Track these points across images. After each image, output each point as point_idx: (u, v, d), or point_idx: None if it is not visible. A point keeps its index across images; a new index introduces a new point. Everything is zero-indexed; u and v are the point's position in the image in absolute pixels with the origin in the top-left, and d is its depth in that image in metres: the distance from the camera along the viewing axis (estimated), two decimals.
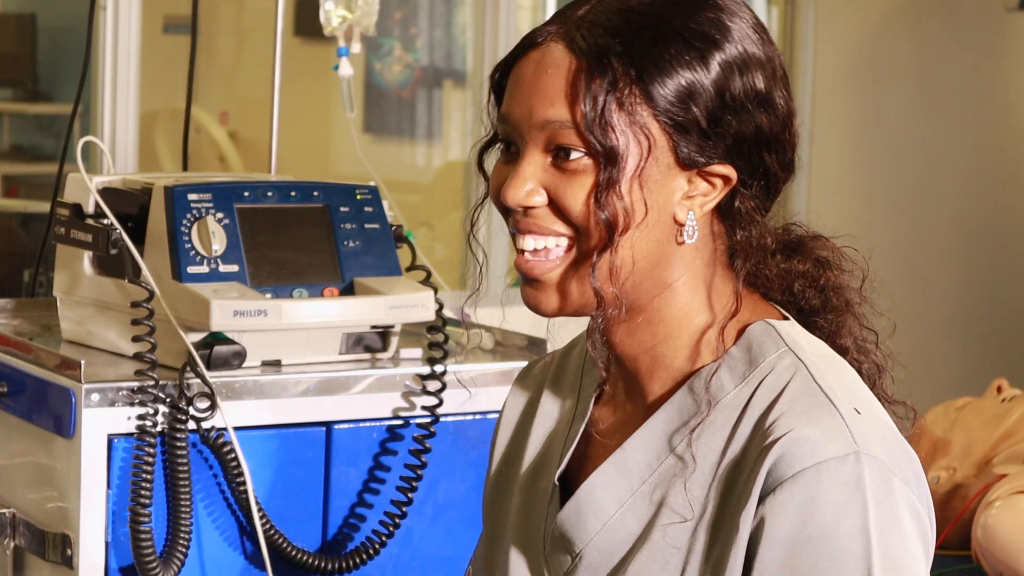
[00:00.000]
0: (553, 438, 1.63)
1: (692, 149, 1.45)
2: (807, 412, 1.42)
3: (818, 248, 1.57)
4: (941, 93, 5.98)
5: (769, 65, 1.48)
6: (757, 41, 1.48)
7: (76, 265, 2.50)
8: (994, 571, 2.84)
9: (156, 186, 2.42)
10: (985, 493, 2.97)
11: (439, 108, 6.22)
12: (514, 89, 1.48)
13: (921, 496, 1.45)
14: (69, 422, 2.28)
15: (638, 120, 1.43)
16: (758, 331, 1.50)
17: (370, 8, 2.89)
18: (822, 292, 1.56)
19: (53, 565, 2.34)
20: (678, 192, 1.46)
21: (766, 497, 1.40)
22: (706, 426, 1.46)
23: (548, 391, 1.66)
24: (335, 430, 2.45)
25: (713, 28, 1.45)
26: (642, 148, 1.43)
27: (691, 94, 1.44)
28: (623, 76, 1.43)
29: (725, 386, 1.48)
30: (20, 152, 6.34)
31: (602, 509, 1.51)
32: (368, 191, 2.56)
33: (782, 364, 1.47)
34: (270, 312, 2.36)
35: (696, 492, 1.45)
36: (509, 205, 1.47)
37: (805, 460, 1.39)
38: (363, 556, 2.43)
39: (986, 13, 6.01)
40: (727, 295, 1.51)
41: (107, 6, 3.88)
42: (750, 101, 1.46)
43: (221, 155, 5.48)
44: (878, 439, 1.43)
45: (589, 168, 1.44)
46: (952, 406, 3.34)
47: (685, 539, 1.45)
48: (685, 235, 1.47)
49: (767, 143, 1.48)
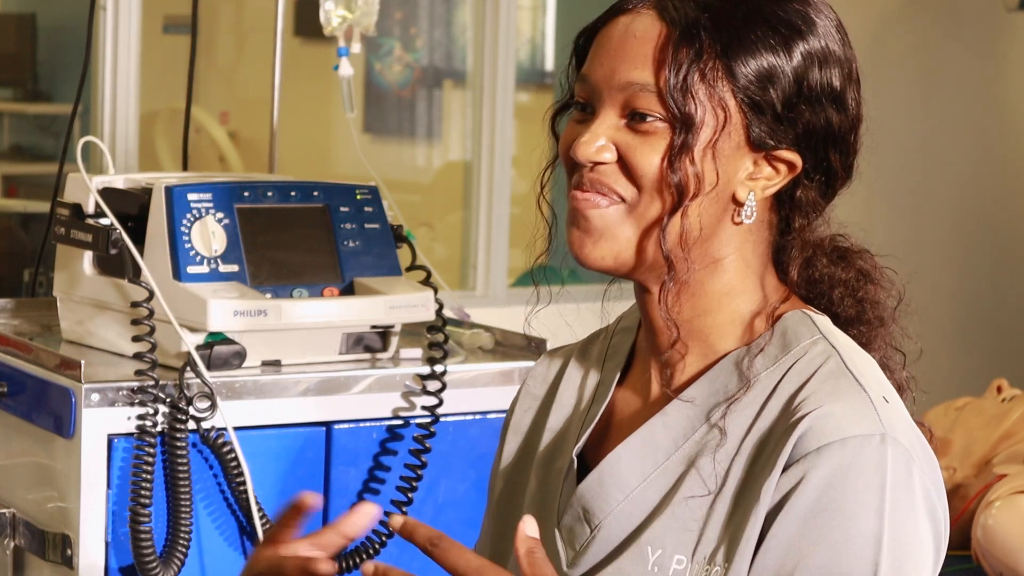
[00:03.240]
0: (572, 418, 1.64)
1: (764, 131, 1.48)
2: (837, 392, 1.45)
3: (862, 261, 1.60)
4: (941, 93, 5.98)
5: (847, 65, 1.52)
6: (839, 41, 1.52)
7: (76, 265, 2.50)
8: (994, 571, 2.84)
9: (156, 186, 2.42)
10: (985, 493, 2.97)
11: (439, 108, 6.22)
12: (599, 51, 1.51)
13: (939, 490, 1.48)
14: (69, 422, 2.29)
15: (718, 93, 1.47)
16: (794, 318, 1.52)
17: (370, 8, 2.89)
18: (859, 303, 1.58)
19: (53, 565, 2.34)
20: (743, 171, 1.49)
21: (790, 467, 1.42)
22: (737, 404, 1.48)
23: (570, 375, 1.67)
24: (335, 430, 2.45)
25: (800, 19, 1.49)
26: (718, 121, 1.47)
27: (771, 77, 1.47)
28: (709, 49, 1.46)
29: (758, 367, 1.50)
30: (20, 152, 6.34)
31: (624, 481, 1.52)
32: (368, 191, 2.56)
33: (815, 350, 1.49)
34: (270, 312, 2.36)
35: (722, 465, 1.47)
36: (579, 159, 1.49)
37: (832, 435, 1.42)
38: (363, 556, 2.43)
39: (986, 13, 6.01)
40: (771, 284, 1.54)
41: (107, 6, 3.88)
42: (825, 95, 1.50)
43: (221, 155, 5.48)
44: (903, 427, 1.45)
45: (663, 131, 1.46)
46: (952, 406, 3.34)
47: (703, 511, 1.47)
48: (744, 215, 1.50)
49: (834, 140, 1.52)
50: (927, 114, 5.96)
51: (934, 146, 5.99)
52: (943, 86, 5.98)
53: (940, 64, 5.96)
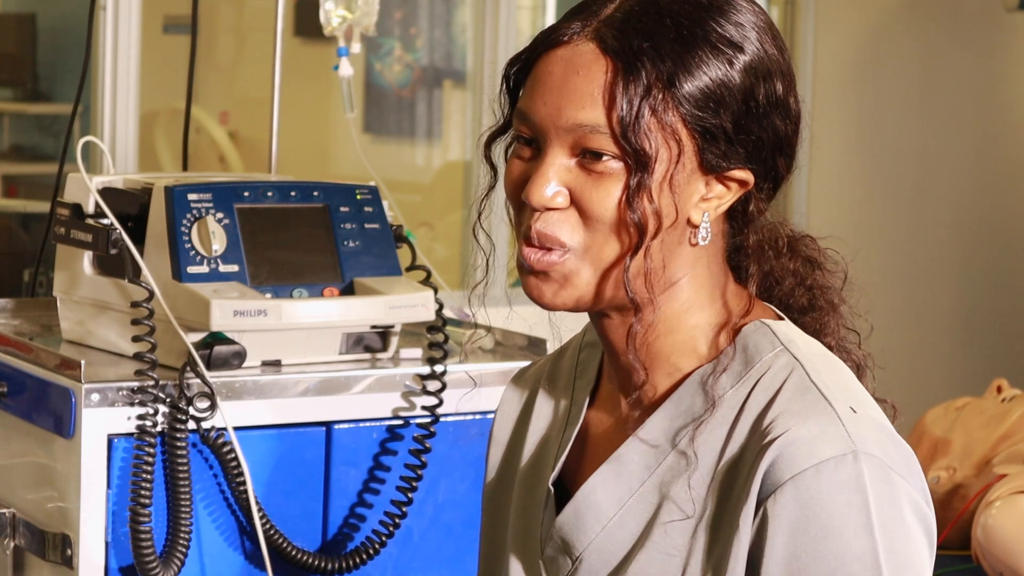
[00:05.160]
0: (547, 442, 1.62)
1: (716, 154, 1.45)
2: (803, 411, 1.42)
3: (806, 248, 1.58)
4: (941, 93, 5.98)
5: (786, 67, 1.48)
6: (772, 43, 1.48)
7: (76, 265, 2.50)
8: (994, 571, 2.84)
9: (156, 186, 2.42)
10: (985, 493, 2.97)
11: (439, 108, 6.22)
12: (539, 87, 1.45)
13: (921, 490, 1.45)
14: (69, 422, 2.28)
15: (668, 125, 1.42)
16: (753, 331, 1.50)
17: (370, 8, 2.89)
18: (809, 291, 1.57)
19: (53, 565, 2.34)
20: (696, 195, 1.46)
21: (766, 499, 1.40)
22: (705, 425, 1.46)
23: (542, 395, 1.66)
24: (335, 430, 2.45)
25: (736, 31, 1.45)
26: (671, 153, 1.43)
27: (719, 100, 1.43)
28: (656, 80, 1.41)
29: (723, 385, 1.47)
30: (20, 152, 6.33)
31: (602, 511, 1.51)
32: (368, 191, 2.56)
33: (778, 363, 1.47)
34: (270, 312, 2.36)
35: (697, 490, 1.45)
36: (533, 205, 1.44)
37: (803, 462, 1.39)
38: (363, 556, 2.43)
39: (986, 13, 6.01)
40: (731, 291, 1.52)
41: (107, 6, 3.88)
42: (771, 107, 1.46)
43: (221, 155, 5.48)
44: (874, 437, 1.43)
45: (618, 171, 1.42)
46: (952, 406, 3.34)
47: (686, 539, 1.45)
48: (699, 237, 1.47)
49: (781, 148, 1.49)
50: (927, 114, 5.96)
51: (934, 146, 5.99)
52: (943, 86, 5.98)
53: (940, 64, 5.96)
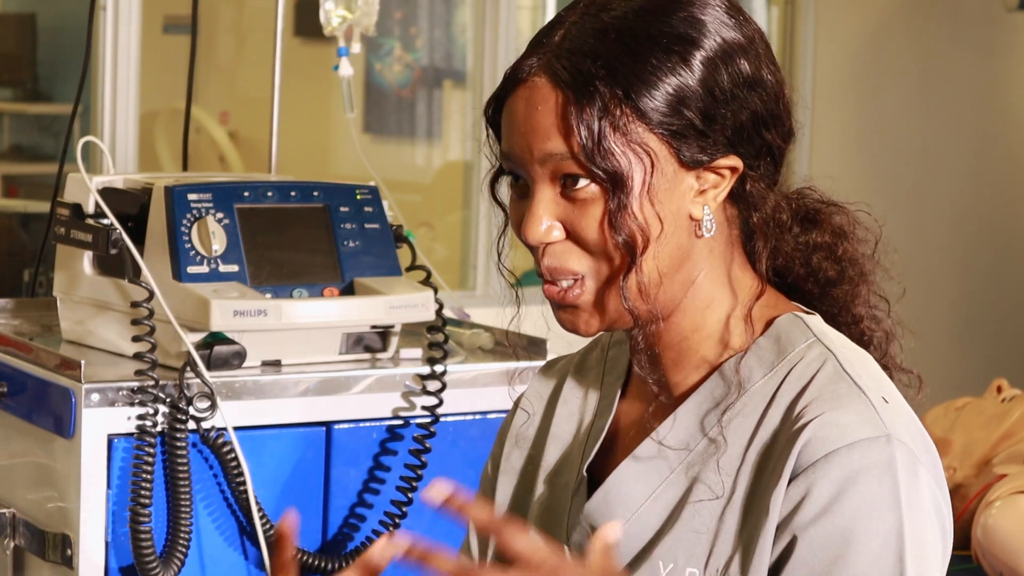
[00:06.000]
0: (577, 434, 1.63)
1: (693, 151, 1.45)
2: (837, 398, 1.44)
3: (833, 215, 1.58)
4: (941, 93, 5.98)
5: (751, 46, 1.48)
6: (734, 26, 1.47)
7: (76, 265, 2.50)
8: (994, 571, 2.84)
9: (156, 186, 2.42)
10: (985, 493, 2.97)
11: (439, 108, 6.21)
12: (509, 128, 1.48)
13: (942, 489, 1.48)
14: (69, 422, 2.29)
15: (635, 138, 1.43)
16: (786, 322, 1.51)
17: (370, 8, 2.89)
18: (839, 263, 1.57)
19: (53, 565, 2.34)
20: (690, 191, 1.47)
21: (797, 477, 1.42)
22: (736, 412, 1.48)
23: (571, 385, 1.67)
24: (335, 430, 2.45)
25: (687, 26, 1.45)
26: (645, 164, 1.44)
27: (681, 100, 1.44)
28: (612, 99, 1.43)
29: (754, 375, 1.49)
30: (20, 152, 6.33)
31: (631, 498, 1.52)
32: (368, 191, 2.56)
33: (811, 354, 1.49)
34: (270, 312, 2.36)
35: (727, 472, 1.47)
36: (531, 244, 1.48)
37: (837, 441, 1.41)
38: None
39: (986, 13, 6.01)
40: (747, 278, 1.53)
41: (107, 6, 3.88)
42: (740, 89, 1.46)
43: (221, 155, 5.48)
44: (906, 427, 1.45)
45: (598, 195, 1.44)
46: (952, 406, 3.34)
47: (714, 519, 1.47)
48: (704, 229, 1.48)
49: (765, 122, 1.48)
50: (927, 114, 5.96)
51: (934, 146, 5.99)
52: (943, 86, 5.98)
53: (940, 64, 5.96)
